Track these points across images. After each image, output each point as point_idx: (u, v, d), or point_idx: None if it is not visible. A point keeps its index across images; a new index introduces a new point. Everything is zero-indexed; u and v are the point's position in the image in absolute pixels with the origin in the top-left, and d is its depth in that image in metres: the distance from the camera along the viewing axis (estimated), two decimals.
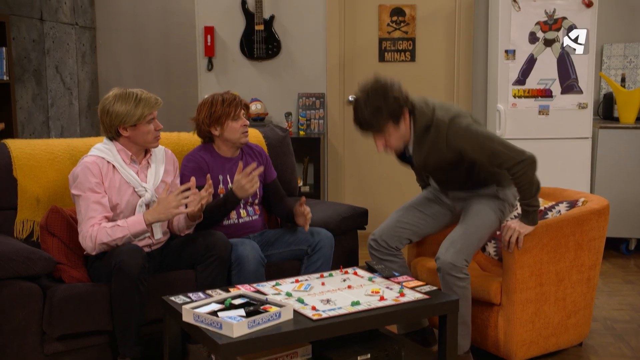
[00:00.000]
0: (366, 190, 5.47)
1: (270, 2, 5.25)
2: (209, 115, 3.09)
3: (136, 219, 2.72)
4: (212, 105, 3.10)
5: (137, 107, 2.79)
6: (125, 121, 2.79)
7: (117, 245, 2.70)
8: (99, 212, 2.72)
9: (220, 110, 3.08)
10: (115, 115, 2.79)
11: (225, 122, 3.09)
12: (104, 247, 2.70)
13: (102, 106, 2.83)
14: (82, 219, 2.72)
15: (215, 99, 3.12)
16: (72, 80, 4.99)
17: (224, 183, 3.15)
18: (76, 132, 5.06)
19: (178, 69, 5.41)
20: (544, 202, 3.37)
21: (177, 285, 2.83)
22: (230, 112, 3.09)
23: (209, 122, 3.10)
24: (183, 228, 2.96)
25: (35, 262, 2.61)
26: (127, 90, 2.83)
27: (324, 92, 5.31)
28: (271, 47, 5.26)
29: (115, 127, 2.81)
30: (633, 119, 4.70)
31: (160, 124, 2.89)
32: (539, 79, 4.68)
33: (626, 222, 4.68)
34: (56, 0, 4.74)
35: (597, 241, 3.07)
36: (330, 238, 3.15)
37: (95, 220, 2.71)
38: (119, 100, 2.79)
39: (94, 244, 2.69)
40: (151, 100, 2.83)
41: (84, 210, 2.72)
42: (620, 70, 5.04)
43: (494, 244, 3.38)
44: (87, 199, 2.72)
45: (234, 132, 3.11)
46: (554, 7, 4.61)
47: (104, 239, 2.68)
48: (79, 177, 2.74)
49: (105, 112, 2.81)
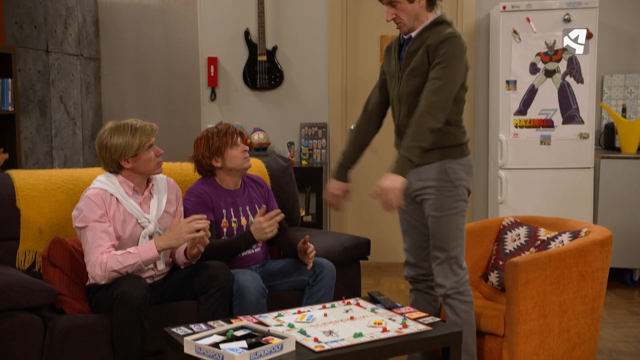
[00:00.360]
0: (368, 220, 5.46)
1: (273, 33, 5.31)
2: (208, 148, 3.11)
3: (147, 245, 2.72)
4: (209, 138, 3.13)
5: (135, 136, 2.80)
6: (125, 153, 2.80)
7: (127, 273, 2.68)
8: (107, 240, 2.72)
9: (218, 142, 3.11)
10: (114, 149, 2.79)
11: (225, 152, 3.11)
12: (114, 275, 2.67)
13: (100, 142, 2.83)
14: (89, 249, 2.71)
15: (210, 131, 3.16)
16: (76, 110, 5.03)
17: (227, 217, 3.15)
18: (79, 162, 5.08)
19: (181, 99, 5.45)
20: (546, 232, 3.36)
21: (179, 317, 2.82)
22: (227, 141, 3.12)
23: (209, 155, 3.11)
24: (182, 262, 2.96)
25: (37, 293, 2.60)
26: (121, 122, 2.84)
27: (326, 122, 5.34)
28: (274, 77, 5.30)
29: (116, 161, 2.82)
30: (635, 149, 4.71)
31: (159, 149, 2.90)
32: (540, 109, 4.70)
33: (630, 253, 4.66)
34: (62, 32, 4.80)
35: (600, 272, 3.05)
36: (332, 268, 3.14)
37: (103, 248, 2.69)
38: (115, 134, 2.80)
39: (104, 271, 2.66)
40: (147, 128, 2.84)
41: (91, 240, 2.70)
42: (620, 101, 5.07)
43: (496, 274, 3.37)
44: (93, 228, 2.71)
45: (236, 160, 3.13)
46: (554, 39, 4.65)
47: (114, 266, 2.66)
48: (83, 210, 2.74)
49: (103, 147, 2.82)
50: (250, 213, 3.22)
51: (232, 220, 3.16)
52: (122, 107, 5.47)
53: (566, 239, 3.21)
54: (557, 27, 4.64)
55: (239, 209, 3.19)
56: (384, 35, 5.30)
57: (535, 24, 4.66)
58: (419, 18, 2.80)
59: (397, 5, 2.78)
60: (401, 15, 2.79)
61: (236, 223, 3.17)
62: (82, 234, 2.74)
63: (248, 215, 3.21)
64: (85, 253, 2.73)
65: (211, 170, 3.17)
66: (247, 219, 3.20)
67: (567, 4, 4.62)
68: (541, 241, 3.32)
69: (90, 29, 5.26)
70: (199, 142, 3.15)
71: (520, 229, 3.46)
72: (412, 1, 2.76)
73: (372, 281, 4.93)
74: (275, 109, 5.38)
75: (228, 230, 3.15)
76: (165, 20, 5.39)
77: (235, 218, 3.17)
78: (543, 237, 3.33)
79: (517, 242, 3.42)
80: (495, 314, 2.95)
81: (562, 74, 4.66)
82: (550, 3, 4.64)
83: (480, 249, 3.51)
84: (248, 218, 3.21)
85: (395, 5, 2.78)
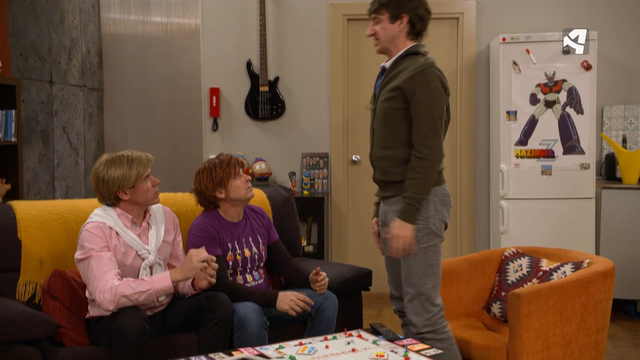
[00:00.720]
0: (370, 250, 5.44)
1: (274, 63, 5.35)
2: (211, 179, 3.11)
3: (162, 275, 2.70)
4: (211, 170, 3.13)
5: (131, 168, 2.80)
6: (123, 185, 2.79)
7: (137, 301, 2.65)
8: (112, 267, 2.70)
9: (221, 173, 3.11)
10: (112, 182, 2.79)
11: (228, 183, 3.12)
12: (123, 301, 2.63)
13: (96, 176, 2.82)
14: (95, 277, 2.66)
15: (212, 163, 3.16)
16: (79, 140, 5.06)
17: (233, 250, 3.15)
18: (81, 192, 5.09)
19: (183, 129, 5.48)
20: (548, 263, 3.35)
21: (178, 349, 2.80)
22: (230, 172, 3.12)
23: (212, 187, 3.11)
24: (188, 292, 2.95)
25: (37, 325, 2.58)
26: (116, 155, 2.84)
27: (327, 152, 5.35)
28: (275, 107, 5.34)
29: (114, 193, 2.81)
30: (636, 180, 4.71)
31: (156, 179, 2.90)
32: (540, 139, 4.72)
33: (633, 284, 4.64)
34: (66, 64, 4.84)
35: (603, 303, 3.03)
36: (334, 299, 3.13)
37: (111, 275, 2.67)
38: (111, 166, 2.80)
39: (114, 296, 2.62)
40: (143, 159, 2.84)
41: (96, 268, 2.67)
42: (621, 131, 5.09)
43: (499, 305, 3.35)
44: (98, 257, 2.69)
45: (239, 190, 3.14)
46: (553, 70, 4.69)
47: (126, 291, 2.63)
48: (85, 243, 2.72)
49: (100, 180, 2.80)
50: (252, 244, 3.22)
51: (237, 252, 3.16)
52: (124, 137, 5.50)
53: (569, 270, 3.20)
54: (557, 59, 4.68)
55: (242, 241, 3.19)
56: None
57: (534, 56, 4.70)
58: (396, 42, 2.84)
59: (379, 22, 2.85)
60: (380, 32, 2.85)
61: (240, 255, 3.17)
62: (86, 264, 2.71)
63: (251, 246, 3.21)
64: (91, 281, 2.69)
65: (214, 202, 3.17)
66: (250, 250, 3.20)
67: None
68: (543, 272, 3.31)
69: (93, 60, 5.31)
70: (202, 173, 3.15)
71: (522, 260, 3.45)
72: (393, 22, 2.82)
73: (374, 312, 4.90)
74: (277, 139, 5.41)
75: (233, 263, 3.15)
76: (168, 52, 5.45)
77: (240, 250, 3.17)
78: (545, 268, 3.32)
79: (520, 272, 3.41)
80: (498, 346, 2.93)
81: (562, 104, 4.69)
82: (549, 35, 4.69)
83: (482, 280, 3.49)
84: (251, 249, 3.21)
85: (378, 22, 2.85)
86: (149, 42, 5.45)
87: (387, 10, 2.82)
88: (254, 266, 3.21)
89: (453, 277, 3.39)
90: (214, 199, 3.15)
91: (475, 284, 3.47)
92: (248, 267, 3.19)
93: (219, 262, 3.04)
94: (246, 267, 3.18)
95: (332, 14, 5.30)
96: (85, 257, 2.71)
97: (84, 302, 2.88)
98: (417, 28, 2.84)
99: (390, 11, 2.82)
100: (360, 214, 5.46)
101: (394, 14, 2.82)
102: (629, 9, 5.13)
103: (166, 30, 5.45)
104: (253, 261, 3.20)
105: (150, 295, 2.67)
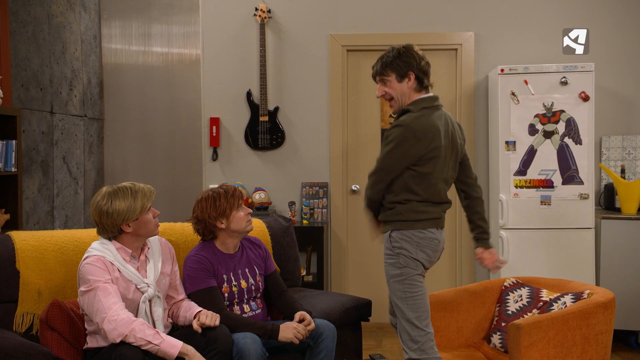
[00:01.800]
0: (370, 280, 5.42)
1: (274, 93, 5.39)
2: (215, 208, 3.10)
3: (174, 342, 2.65)
4: (215, 199, 3.12)
5: (136, 200, 2.79)
6: (127, 217, 2.77)
7: (139, 344, 2.60)
8: (119, 299, 2.68)
9: (225, 203, 3.11)
10: (117, 215, 2.76)
11: (231, 214, 3.11)
12: (131, 339, 2.59)
13: (98, 209, 2.78)
14: (103, 307, 2.63)
15: (217, 192, 3.15)
16: (79, 170, 5.07)
17: (228, 282, 3.14)
18: (80, 222, 5.09)
19: (183, 159, 5.50)
20: (548, 294, 3.34)
21: None
22: (234, 203, 3.12)
23: (215, 216, 3.10)
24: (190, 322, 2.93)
25: (34, 357, 2.55)
26: (117, 187, 2.82)
27: (327, 182, 5.36)
28: (275, 137, 5.36)
29: (118, 226, 2.78)
30: (635, 210, 4.71)
31: (156, 210, 2.90)
32: (539, 169, 4.73)
33: (634, 314, 4.61)
34: (67, 94, 4.87)
35: (604, 335, 3.02)
36: (333, 330, 3.11)
37: (119, 306, 2.64)
38: (115, 199, 2.77)
39: (127, 330, 2.58)
40: (146, 190, 2.84)
41: (104, 299, 2.64)
42: (619, 162, 5.10)
43: (499, 336, 3.33)
44: (104, 289, 2.66)
45: (240, 222, 3.14)
46: (551, 101, 4.72)
47: (138, 333, 2.59)
48: (88, 276, 2.69)
49: (104, 213, 2.77)
50: (249, 275, 3.21)
51: (233, 284, 3.15)
52: (124, 167, 5.52)
53: (569, 300, 3.18)
54: (554, 90, 4.72)
55: (239, 273, 3.18)
56: None
57: (532, 86, 4.74)
58: (405, 99, 3.01)
59: (387, 83, 3.01)
60: (390, 92, 3.02)
61: (237, 287, 3.16)
62: (92, 296, 2.67)
63: (247, 277, 3.20)
64: (98, 311, 2.64)
65: (213, 231, 3.16)
66: (247, 282, 3.19)
67: (563, 67, 4.71)
68: (544, 302, 3.30)
69: (94, 90, 5.35)
70: (205, 202, 3.14)
71: (523, 290, 3.44)
72: (401, 80, 2.98)
73: (374, 342, 4.87)
74: (277, 169, 5.42)
75: (229, 295, 3.13)
76: (168, 82, 5.49)
77: (236, 282, 3.16)
78: (546, 299, 3.31)
79: (520, 303, 3.39)
80: None
81: (561, 135, 4.71)
82: (547, 66, 4.73)
83: (482, 310, 3.48)
84: (248, 280, 3.19)
85: (385, 83, 3.01)
86: (150, 72, 5.49)
87: (393, 70, 2.99)
88: (251, 297, 3.20)
89: (453, 307, 3.38)
90: (213, 228, 3.14)
91: (475, 314, 3.45)
92: (245, 298, 3.17)
93: (214, 293, 3.03)
94: (242, 298, 3.17)
95: (331, 44, 5.35)
96: (91, 289, 2.68)
97: (82, 333, 2.86)
98: (423, 81, 3.02)
99: (396, 71, 2.98)
100: (360, 243, 5.44)
101: (400, 73, 2.98)
102: (626, 41, 5.18)
103: (167, 60, 5.49)
104: (250, 292, 3.19)
105: (153, 349, 2.63)
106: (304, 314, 3.07)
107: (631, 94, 5.18)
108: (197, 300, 3.01)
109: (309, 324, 3.04)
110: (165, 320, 2.92)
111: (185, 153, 5.49)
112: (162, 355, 2.64)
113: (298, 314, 3.08)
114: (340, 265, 5.39)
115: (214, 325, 2.81)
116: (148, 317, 2.82)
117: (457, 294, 3.43)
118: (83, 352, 2.84)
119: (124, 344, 2.59)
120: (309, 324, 3.04)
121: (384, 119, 5.39)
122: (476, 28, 5.27)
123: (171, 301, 3.02)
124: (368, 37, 5.34)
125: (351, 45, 5.37)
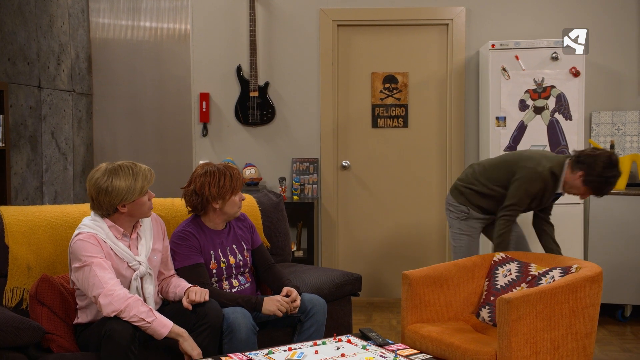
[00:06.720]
0: (360, 255, 5.45)
1: (265, 69, 5.36)
2: (218, 189, 3.05)
3: (165, 321, 2.65)
4: (220, 179, 3.07)
5: (137, 181, 2.74)
6: (126, 198, 2.72)
7: (131, 319, 2.59)
8: (114, 275, 2.67)
9: (229, 185, 3.08)
10: (116, 194, 2.70)
11: (230, 197, 3.10)
12: (125, 315, 2.58)
13: (97, 186, 2.72)
14: (99, 282, 2.60)
15: (222, 172, 3.09)
16: (68, 145, 5.03)
17: (216, 258, 3.14)
18: (70, 197, 5.06)
19: (173, 134, 5.47)
20: (537, 268, 3.36)
21: (168, 355, 2.78)
22: (236, 187, 3.10)
23: (216, 195, 3.08)
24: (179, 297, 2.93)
25: (24, 331, 2.56)
26: (118, 165, 2.76)
27: (317, 157, 5.36)
28: (265, 113, 5.34)
29: (114, 205, 2.74)
30: (623, 186, 4.74)
31: (152, 192, 2.87)
32: (530, 145, 4.74)
33: (621, 288, 4.66)
34: (54, 69, 4.82)
35: (591, 308, 3.05)
36: (323, 305, 3.12)
37: (115, 282, 2.63)
38: (116, 177, 2.72)
39: (123, 305, 2.58)
40: (147, 173, 2.79)
41: (100, 273, 2.62)
42: (609, 137, 5.12)
43: (488, 310, 3.36)
44: (100, 264, 2.64)
45: (234, 206, 3.13)
46: (542, 76, 4.71)
47: (133, 310, 2.59)
48: (82, 252, 2.67)
49: (102, 191, 2.71)
50: (237, 251, 3.21)
51: (221, 260, 3.15)
52: (113, 142, 5.48)
53: (557, 274, 3.21)
54: (545, 65, 4.71)
55: (226, 249, 3.18)
56: (375, 72, 5.36)
57: (523, 62, 4.73)
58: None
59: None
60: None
61: (225, 263, 3.16)
62: (86, 271, 2.64)
63: (235, 253, 3.20)
64: (94, 286, 2.62)
65: (205, 207, 3.14)
66: (235, 258, 3.19)
67: (554, 42, 4.70)
68: (532, 277, 3.33)
69: (82, 65, 5.30)
70: (209, 178, 3.07)
71: (511, 265, 3.46)
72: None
73: (364, 317, 4.90)
74: (267, 145, 5.40)
75: (218, 271, 3.14)
76: (157, 57, 5.44)
77: (224, 258, 3.16)
78: (534, 273, 3.34)
79: (508, 277, 3.42)
80: (487, 351, 2.93)
81: (551, 110, 4.72)
82: (538, 42, 4.72)
83: (471, 285, 3.50)
84: (236, 256, 3.20)
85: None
86: (139, 47, 5.44)
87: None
88: (239, 272, 3.21)
89: (442, 282, 3.40)
90: (207, 206, 3.13)
91: (465, 288, 3.47)
92: (233, 273, 3.18)
93: (200, 270, 3.03)
94: (231, 273, 3.18)
95: (322, 19, 5.31)
96: (85, 265, 2.65)
97: (72, 308, 2.86)
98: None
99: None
100: (350, 219, 5.46)
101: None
102: (618, 16, 5.17)
103: (156, 35, 5.44)
104: (238, 268, 3.20)
105: (144, 325, 2.63)
106: (290, 289, 3.08)
107: (622, 69, 5.18)
108: (183, 277, 3.01)
109: (294, 300, 3.05)
110: (156, 296, 2.92)
111: (175, 128, 5.46)
112: (152, 333, 2.65)
113: (285, 289, 3.10)
114: (330, 240, 5.41)
115: (203, 300, 2.82)
116: (140, 294, 2.82)
117: (446, 268, 3.45)
118: (73, 327, 2.84)
119: (115, 318, 2.60)
120: (294, 300, 3.05)
121: (374, 95, 5.38)
122: (467, 3, 5.24)
123: (161, 277, 3.02)
124: (359, 11, 5.31)
125: (342, 20, 5.33)
